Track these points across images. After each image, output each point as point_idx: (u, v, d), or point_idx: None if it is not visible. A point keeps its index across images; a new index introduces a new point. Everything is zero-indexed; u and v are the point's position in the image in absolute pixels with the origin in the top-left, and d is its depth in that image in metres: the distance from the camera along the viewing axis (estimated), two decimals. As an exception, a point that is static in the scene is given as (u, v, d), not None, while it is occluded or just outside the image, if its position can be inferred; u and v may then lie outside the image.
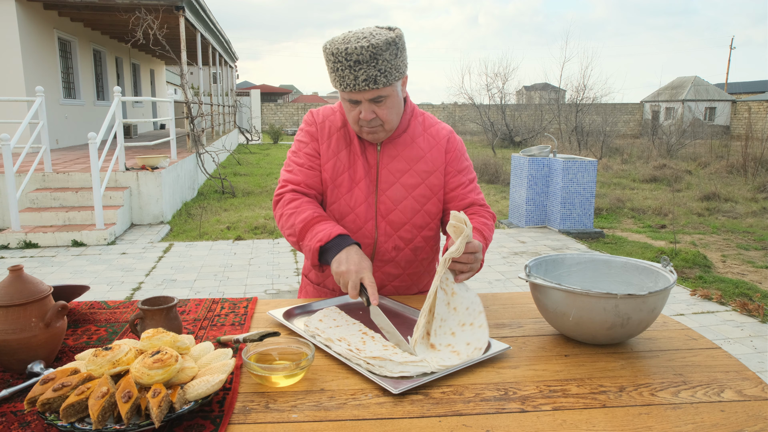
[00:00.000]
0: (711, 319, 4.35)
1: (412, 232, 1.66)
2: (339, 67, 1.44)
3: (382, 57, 1.43)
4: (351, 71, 1.43)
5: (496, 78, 24.84)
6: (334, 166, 1.63)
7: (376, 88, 1.45)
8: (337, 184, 1.63)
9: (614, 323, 1.21)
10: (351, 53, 1.41)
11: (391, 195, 1.63)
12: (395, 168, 1.63)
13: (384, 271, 1.69)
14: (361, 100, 1.48)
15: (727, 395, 1.07)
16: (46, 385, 0.97)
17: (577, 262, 1.48)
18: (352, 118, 1.54)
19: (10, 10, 10.00)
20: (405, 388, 1.07)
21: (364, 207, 1.62)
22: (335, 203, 1.64)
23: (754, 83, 41.82)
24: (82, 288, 1.49)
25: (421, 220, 1.66)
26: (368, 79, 1.43)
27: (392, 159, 1.63)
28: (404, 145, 1.64)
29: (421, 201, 1.64)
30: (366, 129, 1.55)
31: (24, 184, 6.64)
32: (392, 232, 1.65)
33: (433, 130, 1.69)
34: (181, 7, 10.36)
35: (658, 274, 1.36)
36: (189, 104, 10.23)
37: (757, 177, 11.97)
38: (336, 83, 1.48)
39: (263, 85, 43.62)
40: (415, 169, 1.64)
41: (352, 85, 1.44)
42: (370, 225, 1.63)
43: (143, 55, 19.27)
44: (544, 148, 7.66)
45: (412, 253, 1.69)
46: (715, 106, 31.76)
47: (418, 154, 1.65)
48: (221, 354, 1.11)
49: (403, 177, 1.63)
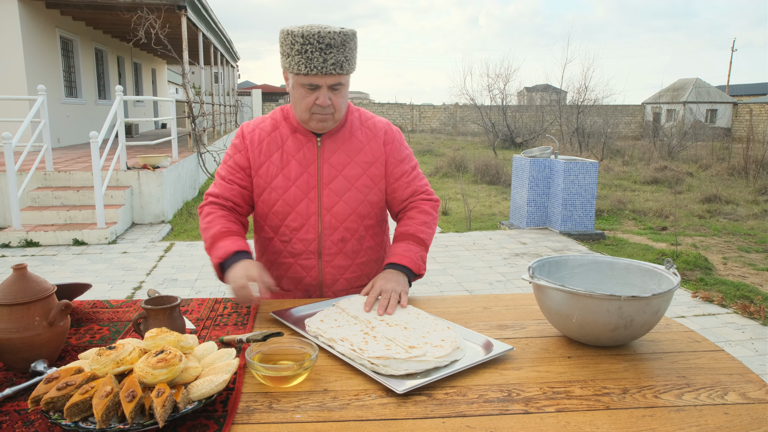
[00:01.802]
0: (712, 321, 4.34)
1: (356, 222, 1.71)
2: (309, 49, 1.47)
3: (349, 46, 1.52)
4: (321, 54, 1.48)
5: (497, 79, 24.85)
6: (267, 171, 1.67)
7: (341, 74, 1.52)
8: (273, 186, 1.67)
9: (617, 325, 1.21)
10: (324, 36, 1.47)
11: (335, 187, 1.67)
12: (336, 161, 1.67)
13: (333, 264, 1.73)
14: (322, 85, 1.53)
15: (731, 398, 1.07)
16: (50, 384, 0.97)
17: (580, 263, 1.48)
18: (304, 105, 1.57)
19: (12, 8, 10.01)
20: (409, 387, 1.07)
21: (305, 203, 1.67)
22: (275, 204, 1.68)
23: (755, 85, 41.79)
24: (84, 286, 1.49)
25: (365, 209, 1.71)
26: (336, 63, 1.50)
27: (333, 153, 1.67)
28: (344, 139, 1.69)
29: (363, 191, 1.70)
30: (318, 116, 1.58)
31: (25, 182, 6.65)
32: (338, 224, 1.69)
33: (369, 123, 1.75)
34: (183, 7, 10.37)
35: (661, 276, 1.36)
36: (190, 103, 10.23)
37: (759, 179, 11.96)
38: (300, 66, 1.50)
39: (264, 84, 43.61)
40: (355, 161, 1.68)
41: (320, 67, 1.49)
42: (313, 220, 1.68)
43: (145, 54, 19.28)
44: (546, 150, 7.66)
45: (357, 242, 1.74)
46: (716, 108, 31.74)
47: (358, 146, 1.69)
48: (225, 354, 1.11)
49: (345, 169, 1.67)
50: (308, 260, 1.71)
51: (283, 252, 1.73)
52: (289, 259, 1.73)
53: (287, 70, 1.55)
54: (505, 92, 23.03)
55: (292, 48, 1.50)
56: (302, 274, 1.73)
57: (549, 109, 24.01)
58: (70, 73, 12.86)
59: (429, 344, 1.23)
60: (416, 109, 32.59)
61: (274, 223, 1.71)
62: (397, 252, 1.67)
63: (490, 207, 9.61)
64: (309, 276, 1.73)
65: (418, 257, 1.66)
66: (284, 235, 1.70)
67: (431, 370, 1.15)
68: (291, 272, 1.74)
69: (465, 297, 1.66)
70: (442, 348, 1.20)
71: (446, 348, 1.20)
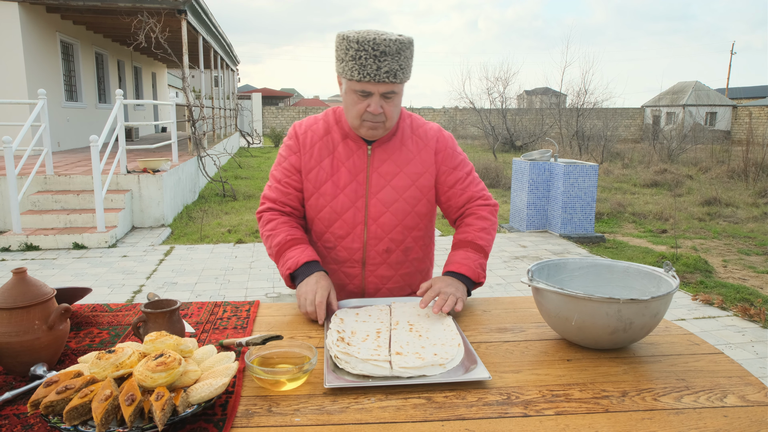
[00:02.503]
0: (712, 324, 4.34)
1: (403, 233, 1.68)
2: (363, 56, 1.45)
3: (404, 54, 1.49)
4: (375, 61, 1.46)
5: (497, 82, 24.85)
6: (317, 176, 1.65)
7: (394, 82, 1.50)
8: (322, 192, 1.65)
9: (617, 328, 1.21)
10: (379, 44, 1.45)
11: (382, 198, 1.64)
12: (385, 171, 1.64)
13: (377, 274, 1.71)
14: (374, 92, 1.50)
15: (730, 401, 1.07)
16: (50, 388, 0.97)
17: (579, 266, 1.48)
18: (356, 111, 1.54)
19: (12, 13, 10.03)
20: (336, 385, 1.08)
21: (352, 212, 1.64)
22: (322, 211, 1.66)
23: (754, 88, 41.84)
24: (84, 290, 1.49)
25: (412, 221, 1.68)
26: (390, 71, 1.47)
27: (382, 162, 1.65)
28: (394, 149, 1.66)
29: (411, 203, 1.67)
30: (369, 123, 1.56)
31: (25, 186, 6.65)
32: (383, 235, 1.66)
33: (420, 132, 1.71)
34: (184, 11, 10.39)
35: (661, 278, 1.36)
36: (190, 107, 10.25)
37: (758, 182, 11.96)
38: (353, 72, 1.48)
39: (264, 88, 43.69)
40: (405, 172, 1.65)
41: (373, 74, 1.46)
42: (359, 229, 1.65)
43: (145, 58, 19.31)
44: (545, 153, 7.67)
45: (403, 254, 1.71)
46: (716, 111, 31.75)
47: (408, 156, 1.66)
48: (224, 357, 1.11)
49: (393, 179, 1.65)
50: (352, 268, 1.70)
51: (326, 258, 1.72)
52: (333, 265, 1.72)
53: (341, 75, 1.53)
54: (505, 95, 23.05)
55: (346, 53, 1.48)
56: (345, 281, 1.72)
57: (549, 112, 24.04)
58: (70, 77, 12.88)
59: (417, 354, 1.20)
60: (416, 113, 32.56)
61: (319, 229, 1.69)
62: (455, 260, 1.62)
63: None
64: (352, 284, 1.72)
65: (476, 265, 1.61)
66: (329, 241, 1.69)
67: (391, 377, 1.12)
68: (334, 278, 1.72)
69: (464, 300, 1.66)
70: (422, 360, 1.16)
71: (426, 361, 1.16)
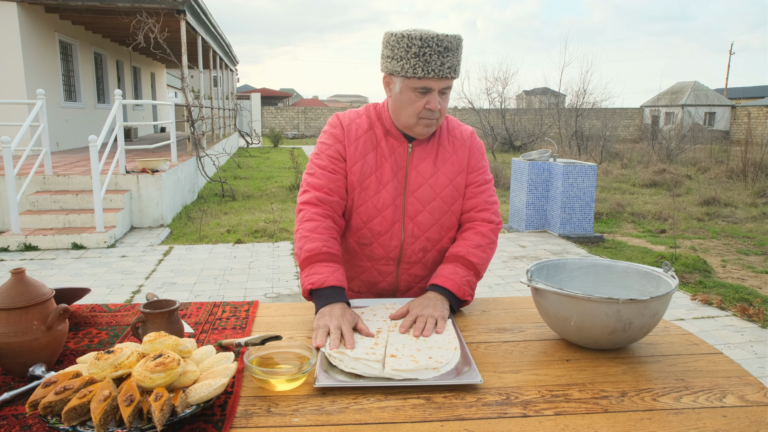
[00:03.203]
0: (711, 324, 4.34)
1: (439, 233, 1.66)
2: (427, 52, 1.45)
3: (461, 50, 1.51)
4: (440, 57, 1.45)
5: (495, 82, 24.86)
6: (361, 169, 1.61)
7: (453, 78, 1.51)
8: (365, 186, 1.62)
9: (616, 328, 1.21)
10: (443, 39, 1.45)
11: (420, 196, 1.63)
12: (423, 169, 1.63)
13: (411, 273, 1.70)
14: (435, 88, 1.50)
15: (729, 401, 1.07)
16: (48, 389, 0.97)
17: (578, 266, 1.48)
18: (413, 109, 1.52)
19: (11, 13, 10.02)
20: (324, 384, 1.08)
21: (391, 209, 1.63)
22: (362, 206, 1.63)
23: (753, 88, 41.90)
24: (82, 291, 1.49)
25: (449, 221, 1.67)
26: (452, 67, 1.48)
27: (421, 161, 1.64)
28: (432, 147, 1.65)
29: (448, 202, 1.65)
30: (425, 121, 1.55)
31: (24, 186, 6.65)
32: (420, 234, 1.65)
33: (456, 132, 1.70)
34: (183, 11, 10.39)
35: (660, 279, 1.36)
36: (189, 107, 10.24)
37: (757, 182, 11.97)
38: (416, 69, 1.46)
39: (264, 88, 43.69)
40: (442, 171, 1.65)
41: (437, 70, 1.46)
42: (397, 227, 1.64)
43: (144, 58, 19.30)
44: (544, 153, 7.67)
45: (438, 253, 1.69)
46: (714, 111, 31.80)
47: (445, 155, 1.66)
48: (223, 358, 1.11)
49: (431, 178, 1.64)
50: (387, 266, 1.68)
51: (359, 254, 1.69)
52: (366, 262, 1.69)
53: (396, 74, 1.50)
54: (504, 95, 23.06)
55: (407, 51, 1.46)
56: (378, 279, 1.70)
57: (548, 112, 24.06)
58: (69, 77, 12.87)
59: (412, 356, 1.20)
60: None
61: (356, 224, 1.65)
62: (442, 274, 1.56)
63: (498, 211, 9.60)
64: (385, 281, 1.70)
65: (464, 281, 1.53)
66: (365, 237, 1.66)
67: (382, 378, 1.12)
68: (366, 275, 1.70)
69: (464, 300, 1.66)
70: (415, 363, 1.16)
71: (419, 364, 1.15)
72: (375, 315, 1.46)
